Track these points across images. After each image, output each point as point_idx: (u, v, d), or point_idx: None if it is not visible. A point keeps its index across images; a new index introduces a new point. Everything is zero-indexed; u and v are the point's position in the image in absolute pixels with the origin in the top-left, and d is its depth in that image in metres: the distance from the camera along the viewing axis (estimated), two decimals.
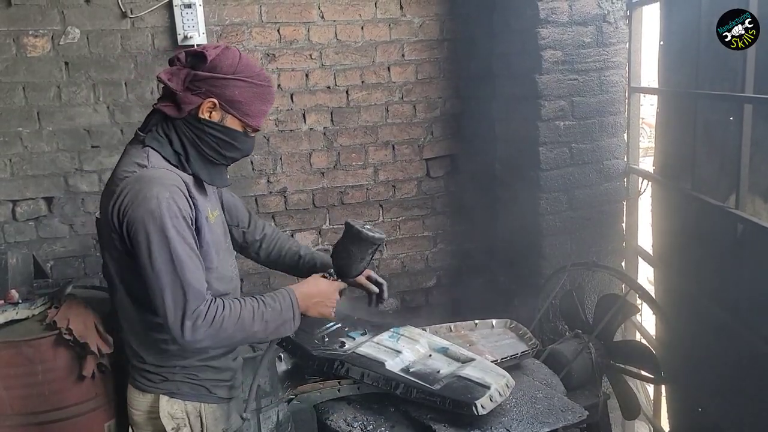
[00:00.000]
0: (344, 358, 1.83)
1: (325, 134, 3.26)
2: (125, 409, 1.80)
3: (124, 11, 2.86)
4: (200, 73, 1.57)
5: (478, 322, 2.29)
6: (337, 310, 1.82)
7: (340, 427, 1.75)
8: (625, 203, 3.09)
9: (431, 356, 1.88)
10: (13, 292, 2.48)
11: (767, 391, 1.93)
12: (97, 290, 2.82)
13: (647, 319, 3.17)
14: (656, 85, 2.88)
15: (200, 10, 2.91)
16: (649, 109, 5.04)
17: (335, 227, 3.35)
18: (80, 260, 3.03)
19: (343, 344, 1.90)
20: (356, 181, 3.35)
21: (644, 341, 2.87)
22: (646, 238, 3.09)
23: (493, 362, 1.91)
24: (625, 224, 3.11)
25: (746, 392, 2.07)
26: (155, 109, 1.64)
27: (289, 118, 3.19)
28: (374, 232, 1.73)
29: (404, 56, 3.29)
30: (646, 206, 3.05)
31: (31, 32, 2.78)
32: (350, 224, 1.74)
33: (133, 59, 2.92)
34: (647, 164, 3.29)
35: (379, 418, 1.78)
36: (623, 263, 3.13)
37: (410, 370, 1.81)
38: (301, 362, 1.95)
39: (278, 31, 3.10)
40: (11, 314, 2.40)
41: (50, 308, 2.48)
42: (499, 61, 3.29)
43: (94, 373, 2.41)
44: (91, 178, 2.97)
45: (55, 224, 2.95)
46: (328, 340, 1.94)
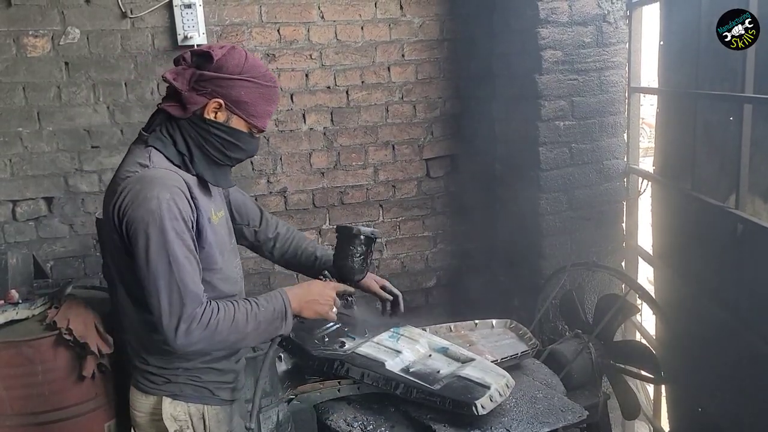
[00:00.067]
0: (344, 358, 1.83)
1: (325, 134, 3.26)
2: (125, 409, 1.79)
3: (124, 11, 2.86)
4: (206, 73, 1.55)
5: (478, 322, 2.28)
6: (349, 318, 1.84)
7: (340, 427, 1.75)
8: (625, 203, 3.09)
9: (431, 356, 1.88)
10: (13, 292, 2.48)
11: (767, 391, 1.93)
12: (97, 290, 2.82)
13: (647, 319, 3.17)
14: (656, 85, 2.88)
15: (200, 10, 2.91)
16: (649, 109, 5.04)
17: (335, 227, 3.35)
18: (80, 260, 3.03)
19: (343, 344, 1.90)
20: (356, 181, 3.35)
21: (644, 341, 2.87)
22: (646, 238, 3.09)
23: (493, 362, 1.91)
24: (625, 224, 3.11)
25: (746, 392, 2.07)
26: (159, 108, 1.62)
27: (289, 118, 3.19)
28: (366, 227, 1.77)
29: (404, 56, 3.29)
30: (646, 206, 3.05)
31: (31, 32, 2.78)
32: (341, 225, 1.83)
33: (133, 59, 2.93)
34: (647, 164, 3.29)
35: (379, 418, 1.78)
36: (623, 263, 3.13)
37: (410, 370, 1.81)
38: (301, 362, 1.95)
39: (278, 31, 3.10)
40: (11, 314, 2.40)
41: (50, 308, 2.48)
42: (499, 61, 3.29)
43: (94, 373, 2.41)
44: (91, 178, 2.97)
45: (55, 224, 2.95)
46: (328, 340, 1.94)
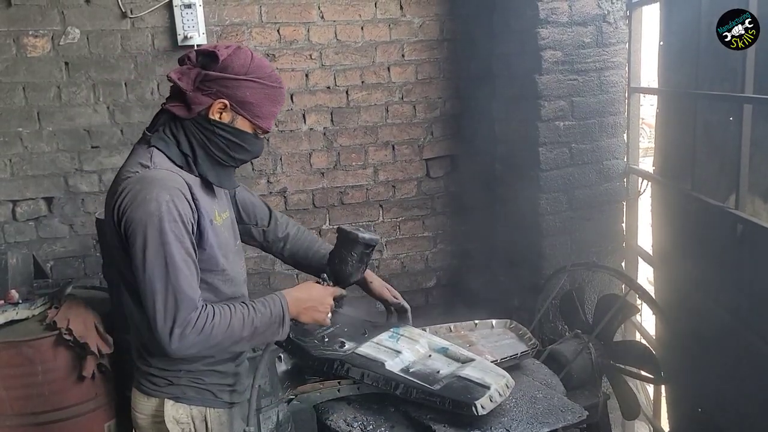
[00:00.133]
0: (344, 358, 1.83)
1: (325, 134, 3.25)
2: (125, 409, 1.79)
3: (124, 11, 2.86)
4: (211, 73, 1.53)
5: (478, 322, 2.28)
6: (339, 316, 1.82)
7: (340, 427, 1.75)
8: (625, 203, 3.09)
9: (431, 356, 1.88)
10: (13, 292, 2.49)
11: (767, 391, 1.93)
12: (97, 290, 2.83)
13: (647, 319, 3.17)
14: (656, 85, 2.88)
15: (200, 10, 2.91)
16: (649, 109, 5.05)
17: (335, 227, 3.34)
18: (80, 260, 3.03)
19: (343, 344, 1.90)
20: (356, 181, 3.35)
21: (644, 341, 2.87)
22: (646, 238, 3.09)
23: (492, 362, 1.90)
24: (624, 224, 3.11)
25: (746, 392, 2.07)
26: (163, 108, 1.60)
27: (289, 118, 3.19)
28: (366, 233, 1.73)
29: (404, 56, 3.29)
30: (646, 206, 3.05)
31: (31, 32, 2.78)
32: (342, 228, 1.77)
33: (133, 59, 2.93)
34: (647, 164, 3.29)
35: (379, 418, 1.77)
36: (623, 263, 3.13)
37: (410, 370, 1.80)
38: (301, 362, 1.94)
39: (278, 31, 3.10)
40: (11, 314, 2.41)
41: (50, 308, 2.48)
42: (499, 61, 3.29)
43: (94, 373, 2.41)
44: (91, 178, 2.97)
45: (55, 224, 2.95)
46: (328, 340, 1.93)
